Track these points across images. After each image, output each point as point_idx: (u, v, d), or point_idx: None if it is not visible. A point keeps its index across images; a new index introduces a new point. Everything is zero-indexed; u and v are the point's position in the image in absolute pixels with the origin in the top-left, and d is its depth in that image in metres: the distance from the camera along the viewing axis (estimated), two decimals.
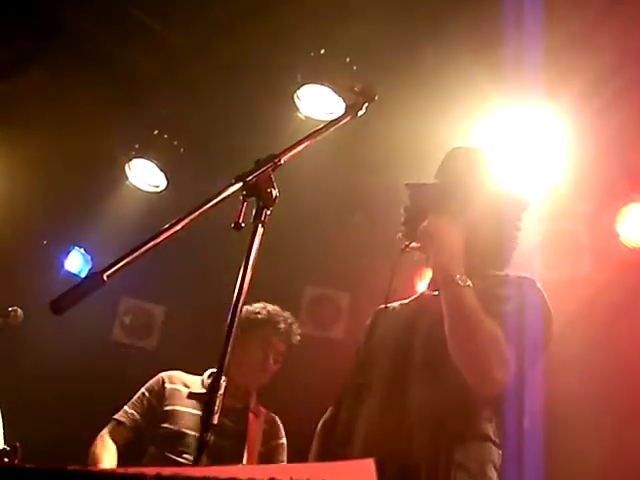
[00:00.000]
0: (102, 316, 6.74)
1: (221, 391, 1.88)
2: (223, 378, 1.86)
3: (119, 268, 1.67)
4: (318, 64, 4.58)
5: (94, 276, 1.65)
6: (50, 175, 5.98)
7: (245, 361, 4.06)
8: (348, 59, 4.56)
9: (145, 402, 4.11)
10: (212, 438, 1.87)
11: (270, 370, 4.16)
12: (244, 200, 1.99)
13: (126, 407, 4.12)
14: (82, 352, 6.57)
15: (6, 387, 5.00)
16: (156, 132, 5.45)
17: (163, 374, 4.21)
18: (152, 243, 1.75)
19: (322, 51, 4.54)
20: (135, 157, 5.62)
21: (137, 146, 5.55)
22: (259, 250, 1.98)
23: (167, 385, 4.12)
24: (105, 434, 4.04)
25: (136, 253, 1.71)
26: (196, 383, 4.17)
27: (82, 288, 1.64)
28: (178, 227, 1.81)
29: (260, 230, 1.99)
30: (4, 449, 4.33)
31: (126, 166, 5.68)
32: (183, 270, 6.43)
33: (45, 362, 6.48)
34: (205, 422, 1.87)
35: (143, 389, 4.17)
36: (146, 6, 4.65)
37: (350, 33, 4.47)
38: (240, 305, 1.91)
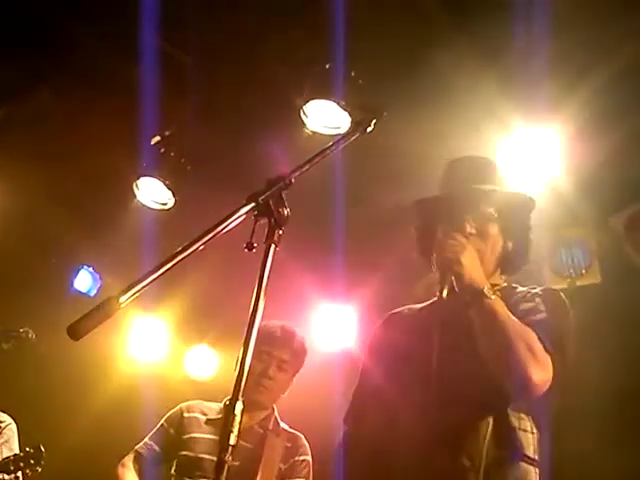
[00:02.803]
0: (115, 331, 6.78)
1: (237, 411, 1.89)
2: (240, 399, 1.86)
3: (135, 293, 1.68)
4: (324, 79, 4.58)
5: (110, 301, 1.66)
6: (58, 194, 6.01)
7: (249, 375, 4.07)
8: (353, 73, 4.58)
9: (164, 433, 4.15)
10: (231, 459, 1.87)
11: (275, 381, 4.10)
12: (256, 220, 2.00)
13: (146, 439, 4.17)
14: (93, 368, 6.61)
15: (20, 405, 5.03)
16: (163, 150, 5.46)
17: (182, 404, 4.24)
18: (166, 267, 1.75)
19: (327, 66, 4.55)
20: (143, 175, 5.63)
21: (144, 164, 5.56)
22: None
23: (185, 414, 4.15)
24: (127, 461, 4.07)
25: (151, 277, 1.72)
26: (214, 409, 4.19)
27: (98, 313, 1.65)
28: (192, 250, 1.82)
29: (272, 250, 2.00)
30: (28, 451, 4.38)
31: (134, 184, 5.69)
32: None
33: (56, 379, 6.51)
34: (222, 443, 1.87)
35: (163, 420, 4.22)
36: (153, 25, 4.66)
37: (355, 47, 4.47)
38: (255, 325, 1.92)
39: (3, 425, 4.69)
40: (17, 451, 4.65)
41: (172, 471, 4.06)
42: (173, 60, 4.97)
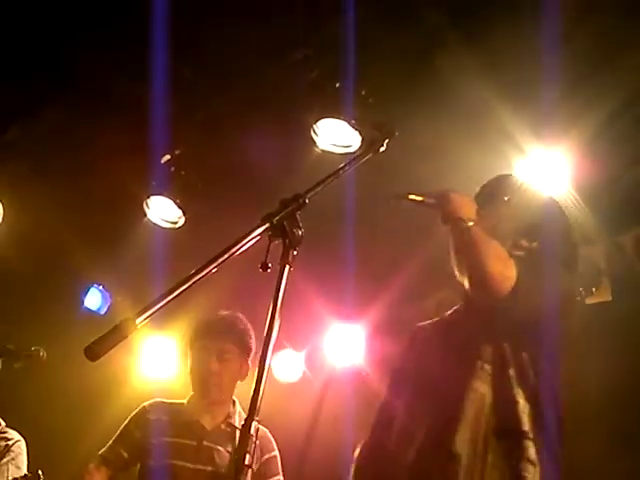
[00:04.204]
0: (126, 350, 6.78)
1: (252, 431, 1.89)
2: (255, 419, 1.87)
3: (151, 314, 1.69)
4: (334, 98, 4.59)
5: (127, 322, 1.67)
6: (68, 213, 6.02)
7: (194, 375, 4.06)
8: (363, 92, 4.59)
9: (129, 436, 4.03)
10: (243, 478, 1.88)
11: (220, 374, 4.00)
12: (270, 241, 2.01)
13: (111, 442, 4.05)
14: (104, 386, 6.62)
15: (31, 423, 5.03)
16: (173, 169, 5.48)
17: (145, 404, 4.13)
18: (181, 289, 1.77)
19: (337, 85, 4.55)
20: (153, 194, 5.65)
21: (155, 183, 5.58)
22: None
23: (150, 416, 4.04)
24: (92, 469, 3.96)
25: (166, 299, 1.74)
26: (177, 410, 4.10)
27: (115, 334, 1.67)
28: (206, 271, 1.83)
29: (287, 270, 2.01)
30: (26, 475, 4.35)
31: (144, 203, 5.71)
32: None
33: (67, 397, 6.51)
34: (237, 463, 1.88)
35: (126, 422, 4.10)
36: (164, 44, 4.69)
37: (365, 66, 4.49)
38: (271, 345, 1.93)
39: (11, 443, 4.67)
40: (25, 469, 4.63)
41: (138, 475, 3.99)
42: (183, 79, 4.98)
